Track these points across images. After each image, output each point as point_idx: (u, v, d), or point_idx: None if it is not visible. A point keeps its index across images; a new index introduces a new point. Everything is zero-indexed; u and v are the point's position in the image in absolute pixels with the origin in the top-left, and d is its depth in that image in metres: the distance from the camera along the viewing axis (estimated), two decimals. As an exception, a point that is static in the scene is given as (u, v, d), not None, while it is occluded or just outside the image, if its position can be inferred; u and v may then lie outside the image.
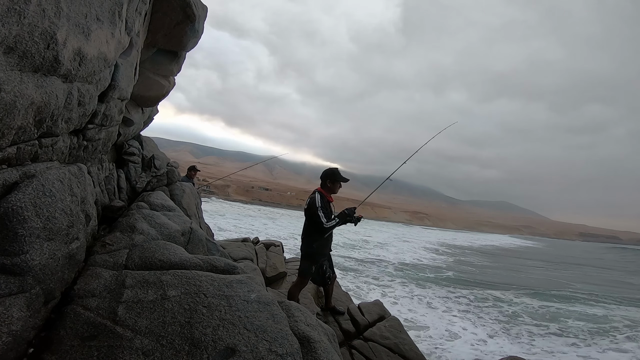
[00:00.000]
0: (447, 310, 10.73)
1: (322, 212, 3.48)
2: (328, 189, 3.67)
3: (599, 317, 11.24)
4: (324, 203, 3.54)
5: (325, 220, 3.45)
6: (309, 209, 3.59)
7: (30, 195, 1.48)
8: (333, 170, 3.72)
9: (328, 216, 3.51)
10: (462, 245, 42.41)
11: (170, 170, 5.51)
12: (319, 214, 3.46)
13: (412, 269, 18.38)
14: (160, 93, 4.91)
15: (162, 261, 2.11)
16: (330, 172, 3.69)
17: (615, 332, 9.76)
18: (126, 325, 1.58)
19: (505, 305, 11.92)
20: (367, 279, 14.37)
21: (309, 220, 3.63)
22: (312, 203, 3.55)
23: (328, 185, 3.67)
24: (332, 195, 3.78)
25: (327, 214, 3.51)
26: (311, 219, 3.57)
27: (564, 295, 14.66)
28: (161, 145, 6.47)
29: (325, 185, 3.68)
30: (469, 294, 13.21)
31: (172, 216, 3.12)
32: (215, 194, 72.19)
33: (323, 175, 3.70)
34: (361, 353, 4.60)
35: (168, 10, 3.87)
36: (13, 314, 1.34)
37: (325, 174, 3.71)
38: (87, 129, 2.57)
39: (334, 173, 3.68)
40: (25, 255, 1.39)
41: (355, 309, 5.47)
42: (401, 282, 14.67)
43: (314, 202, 3.53)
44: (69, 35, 1.63)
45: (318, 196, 3.58)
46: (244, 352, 1.54)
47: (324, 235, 3.58)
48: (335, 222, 3.49)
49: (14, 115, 1.42)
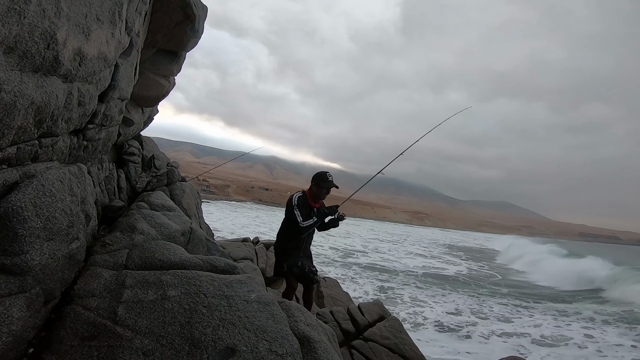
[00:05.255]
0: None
1: (298, 210, 3.32)
2: (313, 193, 3.47)
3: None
4: (302, 203, 3.37)
5: (301, 219, 3.29)
6: (286, 207, 3.44)
7: (30, 195, 1.48)
8: (322, 174, 3.47)
9: (305, 215, 3.33)
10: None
11: (170, 170, 5.51)
12: (294, 212, 3.31)
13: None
14: (160, 93, 4.91)
15: (162, 261, 2.11)
16: (317, 175, 3.47)
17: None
18: (126, 325, 1.58)
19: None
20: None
21: (287, 219, 3.48)
22: (290, 201, 3.41)
23: (313, 189, 3.46)
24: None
25: (304, 213, 3.33)
26: (289, 218, 3.42)
27: None
28: (161, 145, 6.47)
29: (311, 188, 3.49)
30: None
31: (172, 216, 3.12)
32: (215, 194, 72.23)
33: (312, 177, 3.51)
34: (361, 353, 4.60)
35: (168, 10, 3.87)
36: (13, 314, 1.34)
37: (313, 176, 3.51)
38: (87, 129, 2.57)
39: (319, 177, 3.44)
40: (25, 255, 1.39)
41: (355, 309, 5.47)
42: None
43: (291, 200, 3.39)
44: (69, 35, 1.62)
45: (298, 195, 3.43)
46: (244, 352, 1.54)
47: (300, 235, 3.42)
48: (312, 222, 3.32)
49: (14, 115, 1.42)
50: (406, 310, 11.28)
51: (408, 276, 17.39)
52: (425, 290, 14.70)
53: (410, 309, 11.49)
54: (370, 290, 13.47)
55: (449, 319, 10.70)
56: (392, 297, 12.85)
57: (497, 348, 8.60)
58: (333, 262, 18.47)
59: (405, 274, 17.95)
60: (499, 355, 7.01)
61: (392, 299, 12.57)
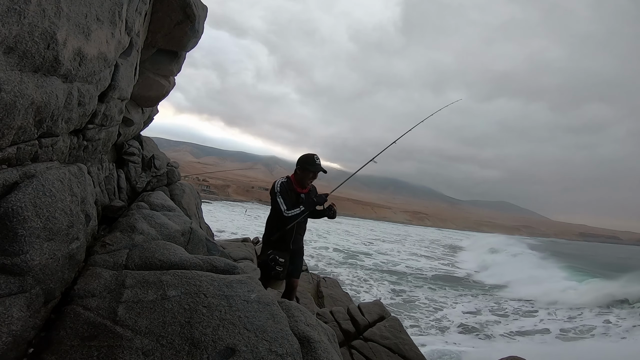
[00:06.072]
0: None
1: (282, 198, 3.02)
2: (298, 177, 3.14)
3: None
4: (285, 189, 3.07)
5: (284, 208, 2.98)
6: (270, 195, 3.15)
7: (30, 195, 1.48)
8: (309, 156, 3.14)
9: (290, 204, 3.03)
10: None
11: (170, 170, 5.52)
12: (278, 200, 3.01)
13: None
14: (160, 93, 4.91)
15: (162, 261, 2.11)
16: (303, 158, 3.14)
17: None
18: (126, 325, 1.58)
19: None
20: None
21: (272, 208, 3.17)
22: (272, 188, 3.11)
23: (298, 172, 3.13)
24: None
25: (288, 201, 3.04)
26: (273, 206, 3.12)
27: None
28: (161, 145, 6.47)
29: (296, 172, 3.16)
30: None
31: (172, 216, 3.12)
32: (215, 194, 72.25)
33: (298, 160, 3.19)
34: (361, 353, 4.60)
35: (168, 10, 3.87)
36: (13, 314, 1.34)
37: (299, 159, 3.17)
38: (87, 129, 2.57)
39: (305, 160, 3.11)
40: (25, 255, 1.39)
41: (355, 309, 5.47)
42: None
43: (274, 187, 3.10)
44: (69, 35, 1.62)
45: (281, 181, 3.12)
46: (244, 352, 1.54)
47: (286, 226, 3.09)
48: (299, 211, 3.00)
49: (14, 115, 1.42)
50: (428, 313, 11.14)
51: (417, 278, 17.15)
52: (437, 291, 14.52)
53: (432, 311, 11.32)
54: (385, 294, 13.18)
55: (472, 319, 10.58)
56: (408, 299, 12.61)
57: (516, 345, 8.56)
58: (340, 264, 18.30)
59: (413, 276, 17.75)
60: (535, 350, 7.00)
61: (410, 302, 12.34)
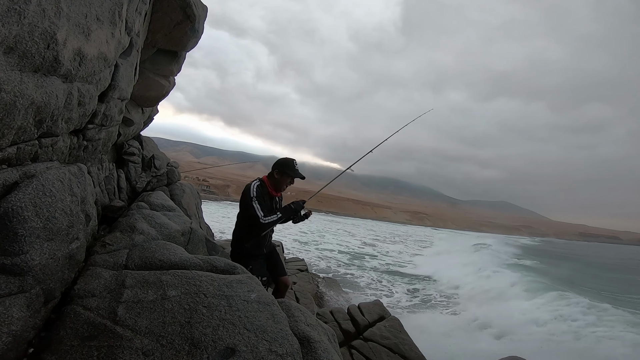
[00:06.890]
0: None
1: (258, 203, 2.83)
2: (274, 181, 2.99)
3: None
4: (261, 193, 2.89)
5: (262, 214, 2.80)
6: (242, 199, 2.94)
7: (30, 195, 1.48)
8: (289, 160, 3.03)
9: (267, 210, 2.86)
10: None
11: (170, 170, 5.52)
12: (254, 206, 2.81)
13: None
14: (160, 93, 4.91)
15: (162, 261, 2.11)
16: (282, 161, 3.02)
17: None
18: (126, 325, 1.58)
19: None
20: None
21: (243, 213, 2.97)
22: (246, 191, 2.90)
23: (275, 176, 2.99)
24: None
25: (264, 206, 2.87)
26: (245, 211, 2.91)
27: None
28: (161, 145, 6.47)
29: (273, 175, 3.00)
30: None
31: (172, 216, 3.12)
32: (215, 194, 72.21)
33: (275, 163, 3.03)
34: (361, 353, 4.60)
35: (168, 10, 3.87)
36: (13, 314, 1.35)
37: (277, 162, 3.03)
38: (87, 129, 2.57)
39: (285, 164, 2.99)
40: (25, 255, 1.39)
41: (355, 309, 5.47)
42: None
43: (248, 190, 2.89)
44: (69, 35, 1.63)
45: (256, 184, 2.93)
46: (244, 352, 1.54)
47: (261, 233, 2.95)
48: (276, 217, 2.86)
49: (14, 115, 1.42)
50: (459, 315, 10.90)
51: (431, 281, 16.77)
52: (458, 291, 14.25)
53: (462, 313, 11.08)
54: (403, 297, 12.79)
55: (502, 320, 10.21)
56: (432, 303, 12.26)
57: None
58: (348, 265, 17.97)
59: (424, 276, 17.54)
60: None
61: (433, 306, 11.99)
